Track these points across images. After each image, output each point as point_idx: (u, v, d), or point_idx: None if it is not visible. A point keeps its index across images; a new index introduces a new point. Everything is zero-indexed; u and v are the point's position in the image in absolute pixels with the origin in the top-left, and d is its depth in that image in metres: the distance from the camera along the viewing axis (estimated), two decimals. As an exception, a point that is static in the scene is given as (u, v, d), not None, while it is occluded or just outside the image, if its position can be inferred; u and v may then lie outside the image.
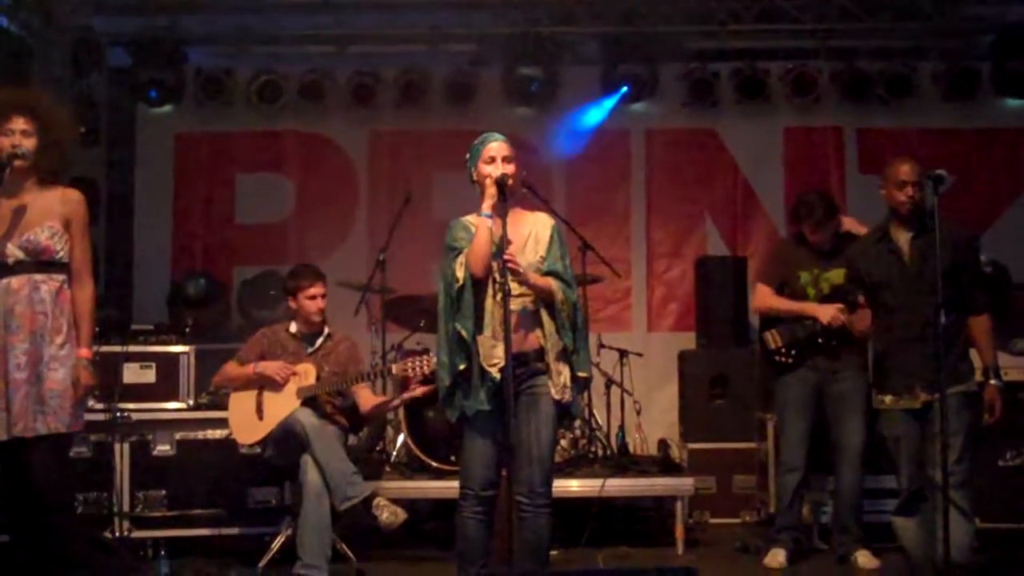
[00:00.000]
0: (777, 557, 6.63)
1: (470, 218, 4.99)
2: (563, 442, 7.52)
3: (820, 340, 6.49)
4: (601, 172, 9.76)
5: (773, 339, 6.68)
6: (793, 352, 6.59)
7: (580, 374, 4.99)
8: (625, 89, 9.51)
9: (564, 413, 4.99)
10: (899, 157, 5.71)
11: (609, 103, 9.60)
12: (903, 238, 5.57)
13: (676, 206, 9.78)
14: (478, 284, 4.86)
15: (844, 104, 9.61)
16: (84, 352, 5.02)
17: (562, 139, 9.54)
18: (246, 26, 9.50)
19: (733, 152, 9.77)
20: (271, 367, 6.41)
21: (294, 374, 6.38)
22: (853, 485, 6.59)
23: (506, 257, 4.62)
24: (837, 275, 6.47)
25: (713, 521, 8.01)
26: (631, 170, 9.81)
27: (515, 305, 4.75)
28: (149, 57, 9.31)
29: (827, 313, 6.35)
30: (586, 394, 6.40)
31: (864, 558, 6.49)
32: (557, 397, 4.88)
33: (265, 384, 6.45)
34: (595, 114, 9.65)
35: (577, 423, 7.44)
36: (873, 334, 5.85)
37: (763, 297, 6.84)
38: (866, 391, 6.29)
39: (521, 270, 4.71)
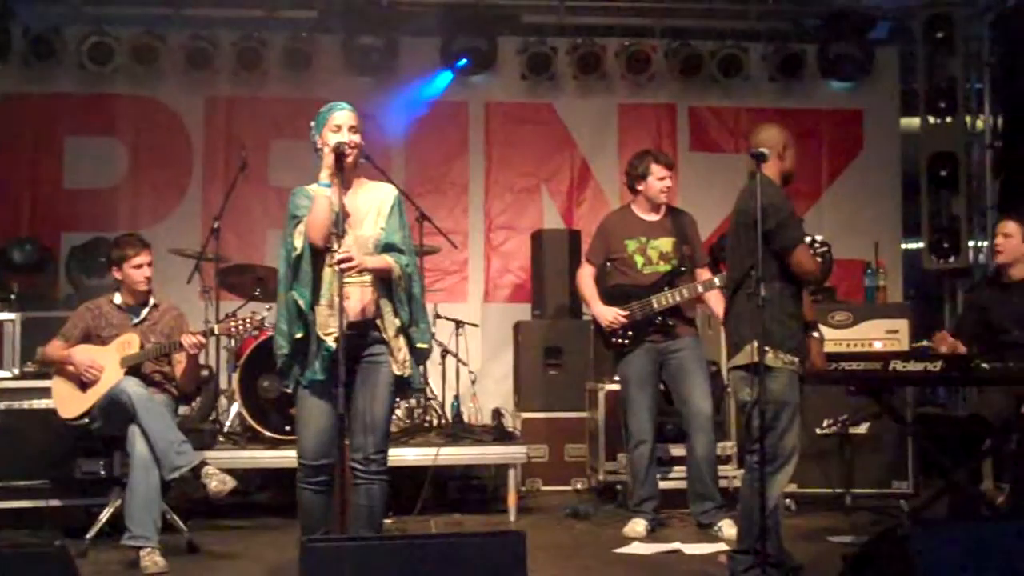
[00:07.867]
0: (636, 527, 6.64)
1: (312, 187, 4.88)
2: (399, 411, 7.60)
3: (656, 320, 6.64)
4: (440, 143, 9.80)
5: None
6: (630, 334, 6.68)
7: (419, 346, 5.02)
8: (464, 61, 9.56)
9: (404, 385, 5.01)
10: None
11: (448, 75, 9.65)
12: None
13: (513, 179, 9.90)
14: (316, 253, 4.84)
15: (677, 82, 9.86)
16: None
17: (401, 109, 9.54)
18: (77, -16, 9.25)
19: (570, 127, 9.93)
20: (80, 364, 6.23)
21: (98, 374, 6.23)
22: (708, 452, 6.65)
23: (338, 258, 4.63)
24: (665, 243, 6.68)
25: (545, 489, 8.16)
26: (469, 142, 9.88)
27: (354, 278, 4.78)
28: (-27, 14, 8.96)
29: (604, 318, 6.66)
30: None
31: (729, 528, 6.38)
32: (398, 372, 4.91)
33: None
34: (434, 85, 9.69)
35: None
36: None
37: (579, 278, 6.99)
38: (703, 358, 6.66)
39: (354, 264, 4.69)
